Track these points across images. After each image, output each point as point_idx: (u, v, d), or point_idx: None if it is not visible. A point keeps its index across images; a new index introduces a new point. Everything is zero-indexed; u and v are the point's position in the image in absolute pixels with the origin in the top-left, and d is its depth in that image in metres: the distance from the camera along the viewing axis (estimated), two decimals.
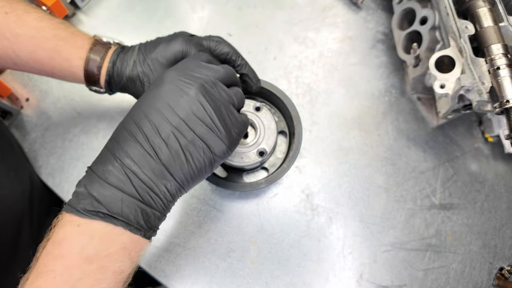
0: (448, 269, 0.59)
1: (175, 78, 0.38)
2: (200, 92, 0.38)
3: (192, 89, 0.37)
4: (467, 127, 0.67)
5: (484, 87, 0.50)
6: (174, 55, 0.47)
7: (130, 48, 0.50)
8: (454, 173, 0.64)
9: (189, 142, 0.37)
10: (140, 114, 0.37)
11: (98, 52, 0.49)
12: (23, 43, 0.47)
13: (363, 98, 0.67)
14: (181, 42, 0.47)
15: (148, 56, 0.47)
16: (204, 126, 0.37)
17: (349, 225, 0.60)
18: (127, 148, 0.35)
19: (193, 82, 0.38)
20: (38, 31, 0.47)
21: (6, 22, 0.46)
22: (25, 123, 0.65)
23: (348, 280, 0.58)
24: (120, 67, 0.48)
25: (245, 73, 0.51)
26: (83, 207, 0.34)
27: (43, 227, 0.64)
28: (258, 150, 0.55)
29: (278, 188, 0.62)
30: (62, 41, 0.48)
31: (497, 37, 0.51)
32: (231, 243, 0.59)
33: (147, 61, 0.47)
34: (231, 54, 0.49)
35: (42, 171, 0.62)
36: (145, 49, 0.48)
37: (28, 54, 0.48)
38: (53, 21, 0.49)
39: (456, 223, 0.62)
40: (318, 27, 0.72)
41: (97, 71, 0.49)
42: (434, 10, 0.59)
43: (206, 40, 0.49)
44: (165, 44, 0.47)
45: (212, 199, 0.61)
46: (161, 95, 0.37)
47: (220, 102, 0.40)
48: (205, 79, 0.39)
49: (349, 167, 0.63)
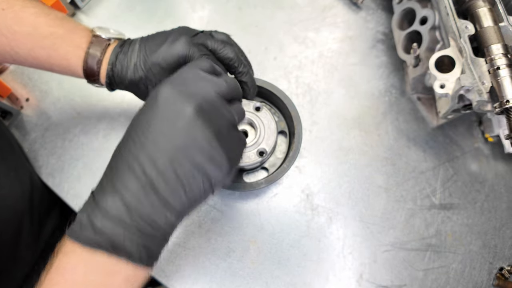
0: (448, 269, 0.59)
1: (170, 96, 0.35)
2: (198, 114, 0.34)
3: (189, 109, 0.34)
4: (467, 127, 0.67)
5: (484, 87, 0.50)
6: (176, 59, 0.45)
7: (130, 45, 0.48)
8: (454, 173, 0.64)
9: (187, 172, 0.34)
10: (135, 142, 0.35)
11: (96, 51, 0.47)
12: (20, 40, 0.46)
13: (363, 98, 0.67)
14: (184, 44, 0.45)
15: (149, 58, 0.46)
16: (203, 154, 0.35)
17: (349, 225, 0.60)
18: (125, 180, 0.34)
19: (190, 101, 0.34)
20: (35, 28, 0.46)
21: (3, 18, 0.46)
22: (25, 123, 0.65)
23: (348, 280, 0.58)
24: (120, 70, 0.47)
25: (244, 81, 0.49)
26: (87, 236, 0.33)
27: (43, 227, 0.64)
28: (258, 150, 0.55)
29: (278, 188, 0.62)
30: (59, 40, 0.47)
31: (497, 37, 0.51)
32: (231, 243, 0.59)
33: (148, 65, 0.46)
34: (234, 60, 0.47)
35: (42, 171, 0.62)
36: (145, 49, 0.46)
37: (27, 52, 0.47)
38: (51, 16, 0.48)
39: (456, 223, 0.62)
40: (318, 27, 0.72)
41: (97, 70, 0.48)
42: (434, 10, 0.59)
43: (211, 41, 0.47)
44: (167, 47, 0.45)
45: (212, 199, 0.61)
46: (155, 121, 0.34)
47: (221, 123, 0.36)
48: (204, 96, 0.36)
49: (349, 167, 0.63)
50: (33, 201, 0.59)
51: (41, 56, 0.48)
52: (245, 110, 0.58)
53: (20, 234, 0.56)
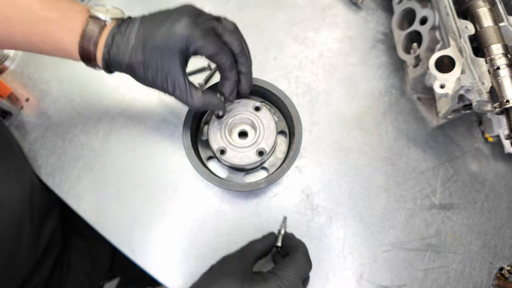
0: (448, 269, 0.59)
1: None
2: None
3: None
4: (467, 127, 0.67)
5: (484, 87, 0.50)
6: (177, 43, 0.43)
7: (128, 25, 0.45)
8: (454, 173, 0.64)
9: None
10: None
11: (92, 33, 0.45)
12: (16, 27, 0.45)
13: (363, 98, 0.67)
14: (186, 25, 0.43)
15: (149, 42, 0.44)
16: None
17: (349, 225, 0.60)
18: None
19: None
20: (29, 14, 0.45)
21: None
22: (25, 123, 0.65)
23: (348, 280, 0.58)
24: (117, 53, 0.45)
25: (243, 73, 0.50)
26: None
27: (43, 227, 0.64)
28: (258, 149, 0.55)
29: (278, 188, 0.62)
30: (53, 25, 0.45)
31: (497, 37, 0.51)
32: (231, 243, 0.59)
33: (147, 48, 0.44)
34: (239, 50, 0.47)
35: (42, 171, 0.62)
36: (144, 30, 0.44)
37: (23, 38, 0.46)
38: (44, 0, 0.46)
39: (456, 223, 0.62)
40: (318, 27, 0.72)
41: (93, 53, 0.46)
42: (434, 10, 0.59)
43: (219, 26, 0.46)
44: (168, 28, 0.43)
45: (212, 199, 0.61)
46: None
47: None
48: None
49: (349, 167, 0.63)
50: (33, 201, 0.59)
51: (36, 42, 0.46)
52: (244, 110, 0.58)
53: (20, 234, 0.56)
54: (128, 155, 0.63)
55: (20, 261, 0.58)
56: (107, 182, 0.61)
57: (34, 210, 0.60)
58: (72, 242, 0.69)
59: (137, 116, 0.65)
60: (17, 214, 0.56)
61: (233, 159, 0.55)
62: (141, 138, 0.63)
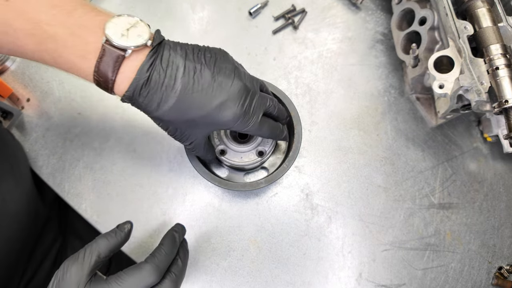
0: (447, 268, 0.60)
1: None
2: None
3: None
4: (466, 127, 0.67)
5: (483, 87, 0.50)
6: (218, 127, 0.45)
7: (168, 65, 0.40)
8: (453, 173, 0.64)
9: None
10: None
11: (107, 67, 0.39)
12: (23, 41, 0.40)
13: (362, 98, 0.68)
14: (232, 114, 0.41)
15: (191, 110, 0.41)
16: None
17: (348, 224, 0.61)
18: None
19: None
20: (35, 27, 0.39)
21: (5, 14, 0.39)
22: (26, 124, 0.65)
23: (347, 279, 0.58)
24: (145, 105, 0.41)
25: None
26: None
27: (44, 227, 0.64)
28: (258, 150, 0.55)
29: (277, 187, 0.62)
30: (61, 45, 0.40)
31: (496, 38, 0.51)
32: (231, 242, 0.59)
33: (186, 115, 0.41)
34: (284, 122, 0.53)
35: (43, 171, 0.62)
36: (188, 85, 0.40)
37: (31, 54, 0.41)
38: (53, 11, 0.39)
39: (455, 222, 0.62)
40: (317, 28, 0.72)
41: (110, 87, 0.41)
42: (433, 11, 0.59)
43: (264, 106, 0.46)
44: (217, 112, 0.41)
45: (212, 199, 0.61)
46: None
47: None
48: None
49: (348, 166, 0.64)
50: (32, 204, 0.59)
51: (48, 60, 0.42)
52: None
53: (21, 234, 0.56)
54: (128, 155, 0.63)
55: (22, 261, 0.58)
56: (107, 181, 0.62)
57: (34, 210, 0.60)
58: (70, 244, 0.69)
59: (137, 116, 0.65)
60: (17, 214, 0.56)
61: (233, 159, 0.55)
62: (141, 138, 0.64)
